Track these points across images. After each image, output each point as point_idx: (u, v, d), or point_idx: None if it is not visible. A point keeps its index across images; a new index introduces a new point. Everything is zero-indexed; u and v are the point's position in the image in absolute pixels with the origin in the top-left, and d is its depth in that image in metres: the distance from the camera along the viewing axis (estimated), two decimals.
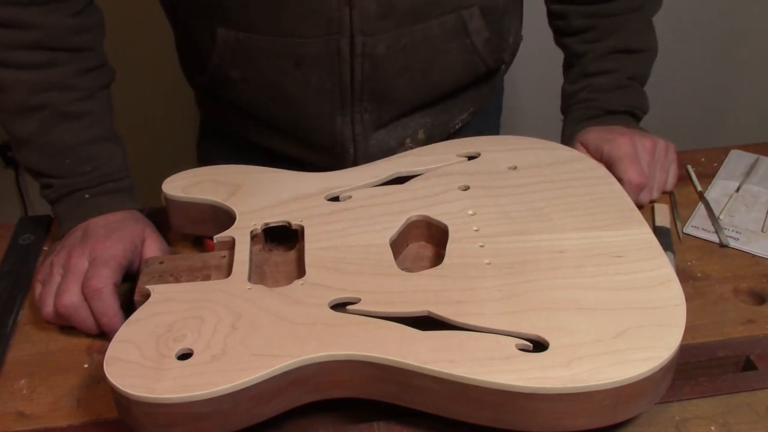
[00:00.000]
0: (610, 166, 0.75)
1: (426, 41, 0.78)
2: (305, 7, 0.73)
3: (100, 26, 0.75)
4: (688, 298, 0.57)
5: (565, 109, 0.88)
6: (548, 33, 0.91)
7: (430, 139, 0.87)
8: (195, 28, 0.81)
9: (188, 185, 0.70)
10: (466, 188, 0.69)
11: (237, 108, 0.85)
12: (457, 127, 0.90)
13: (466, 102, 0.89)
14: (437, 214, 0.66)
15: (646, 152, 0.77)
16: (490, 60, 0.85)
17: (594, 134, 0.80)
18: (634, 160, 0.76)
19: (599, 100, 0.84)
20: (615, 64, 0.85)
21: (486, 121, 0.97)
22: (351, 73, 0.77)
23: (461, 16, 0.78)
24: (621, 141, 0.77)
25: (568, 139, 0.84)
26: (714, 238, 0.74)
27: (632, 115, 0.85)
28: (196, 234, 0.72)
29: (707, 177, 0.82)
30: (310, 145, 0.84)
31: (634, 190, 0.75)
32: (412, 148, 0.84)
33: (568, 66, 0.90)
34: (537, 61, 1.20)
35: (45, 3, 0.68)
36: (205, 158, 0.96)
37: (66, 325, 0.66)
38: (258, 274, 0.63)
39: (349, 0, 0.72)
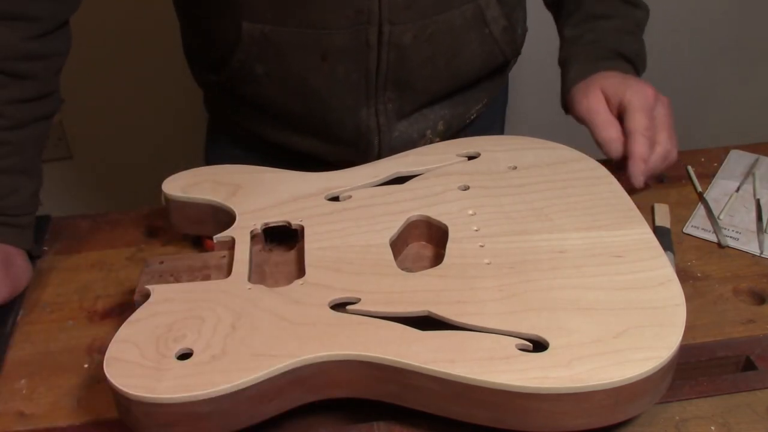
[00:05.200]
0: (625, 112, 0.74)
1: (449, 31, 0.79)
2: None
3: (61, 53, 0.72)
4: (688, 298, 0.57)
5: (567, 55, 0.85)
6: (550, 27, 0.91)
7: (449, 131, 0.88)
8: (217, 25, 0.80)
9: (188, 185, 0.70)
10: (466, 188, 0.69)
11: (256, 105, 0.84)
12: (472, 117, 0.91)
13: (481, 93, 0.90)
14: (437, 214, 0.66)
15: (664, 106, 0.76)
16: (508, 50, 0.86)
17: (613, 80, 0.76)
18: (650, 117, 0.73)
19: (608, 41, 0.81)
20: (620, 11, 0.83)
21: (495, 111, 0.98)
22: (377, 63, 0.77)
23: (479, 5, 0.79)
24: (644, 89, 0.74)
25: (574, 80, 0.81)
26: (714, 238, 0.74)
27: (636, 66, 0.82)
28: (196, 234, 0.72)
29: (707, 177, 0.82)
30: (334, 140, 0.84)
31: (641, 148, 0.72)
32: (432, 140, 0.85)
33: (567, 14, 0.87)
34: (539, 54, 1.20)
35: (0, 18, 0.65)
36: (213, 161, 0.96)
37: (66, 326, 0.66)
38: (258, 274, 0.63)
39: None
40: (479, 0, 0.79)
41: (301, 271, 0.61)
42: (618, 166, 0.75)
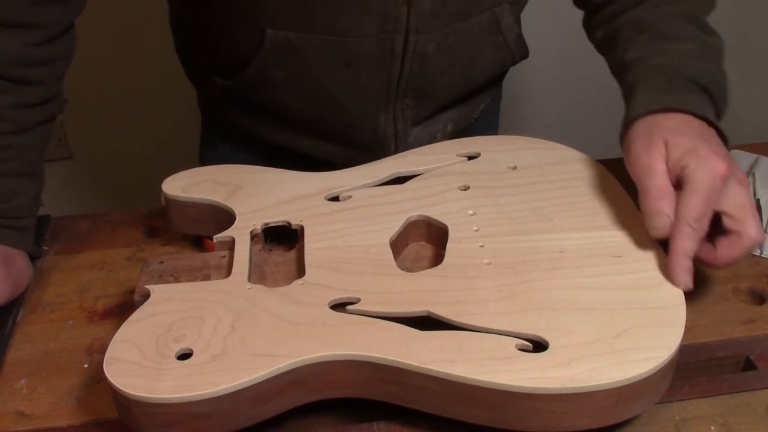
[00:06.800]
0: (683, 189, 0.58)
1: (467, 39, 0.79)
2: (363, 7, 0.72)
3: (66, 57, 0.71)
4: (688, 298, 0.57)
5: (630, 82, 0.68)
6: (546, 27, 0.91)
7: (455, 131, 0.88)
8: (237, 30, 0.78)
9: (188, 185, 0.70)
10: (466, 188, 0.69)
11: (265, 109, 0.84)
12: (476, 116, 0.92)
13: (486, 94, 0.91)
14: (437, 214, 0.66)
15: (740, 185, 0.59)
16: (519, 55, 0.87)
17: (683, 139, 0.59)
18: (707, 205, 0.57)
19: (683, 67, 0.64)
20: (696, 35, 0.68)
21: (492, 108, 1.00)
22: (400, 71, 0.78)
23: (494, 13, 0.80)
24: (713, 164, 0.57)
25: (637, 111, 0.64)
26: None
27: (716, 101, 0.65)
28: (196, 234, 0.72)
29: None
30: (351, 145, 0.84)
31: (683, 241, 0.57)
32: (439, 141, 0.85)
33: (625, 41, 0.72)
34: (537, 53, 1.20)
35: (3, 26, 0.64)
36: (207, 162, 0.95)
37: (66, 326, 0.66)
38: (258, 274, 0.63)
39: None
40: (495, 8, 0.79)
41: (301, 271, 0.61)
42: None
